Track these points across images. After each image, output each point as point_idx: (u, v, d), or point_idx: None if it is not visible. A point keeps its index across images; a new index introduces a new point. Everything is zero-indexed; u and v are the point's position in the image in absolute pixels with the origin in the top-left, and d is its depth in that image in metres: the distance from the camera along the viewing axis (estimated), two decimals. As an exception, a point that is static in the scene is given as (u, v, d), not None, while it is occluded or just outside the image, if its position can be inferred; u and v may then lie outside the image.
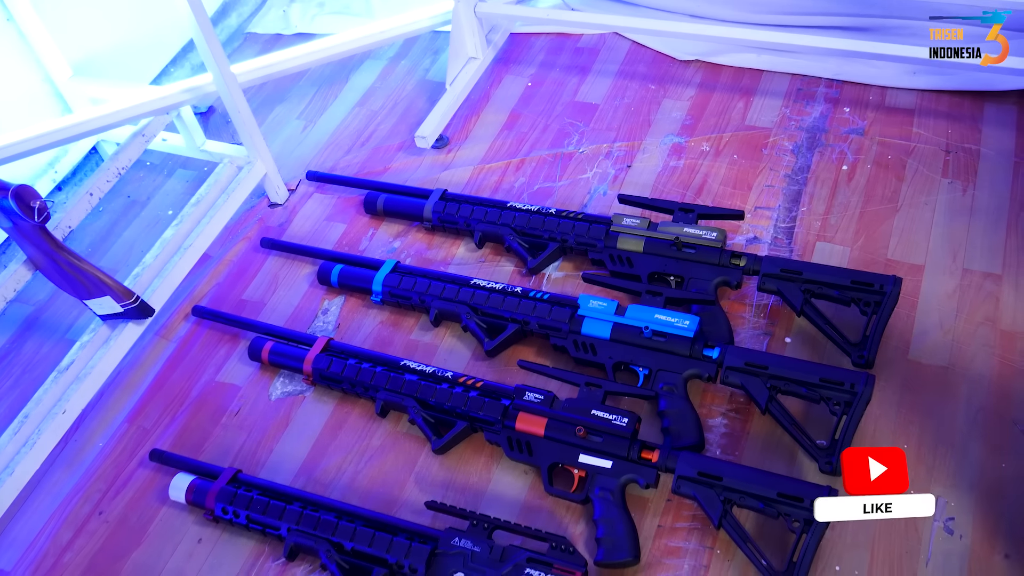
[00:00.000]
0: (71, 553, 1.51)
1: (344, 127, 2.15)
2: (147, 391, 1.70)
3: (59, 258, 1.55)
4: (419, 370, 1.55)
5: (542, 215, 1.74)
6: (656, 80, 2.08)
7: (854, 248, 1.68)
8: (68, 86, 2.02)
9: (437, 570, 1.34)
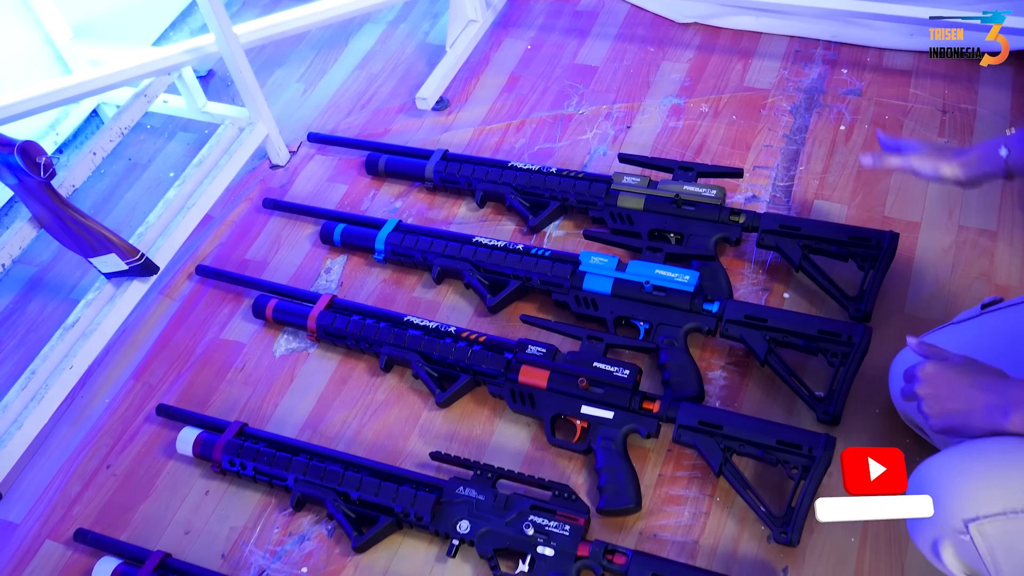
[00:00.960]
0: (80, 505, 1.53)
1: (344, 90, 2.15)
2: (152, 348, 1.72)
3: (64, 215, 1.56)
4: (422, 325, 1.57)
5: (543, 174, 1.75)
6: (655, 43, 2.09)
7: (852, 206, 1.70)
8: (68, 48, 2.02)
9: (442, 518, 1.37)
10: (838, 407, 1.40)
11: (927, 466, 1.04)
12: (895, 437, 1.40)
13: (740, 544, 1.34)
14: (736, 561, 1.32)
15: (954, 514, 0.98)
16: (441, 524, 1.36)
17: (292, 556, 1.42)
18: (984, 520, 0.97)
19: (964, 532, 0.98)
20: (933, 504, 0.99)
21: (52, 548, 1.49)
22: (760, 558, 1.32)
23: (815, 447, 1.30)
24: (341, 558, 1.41)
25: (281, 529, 1.45)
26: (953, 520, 0.98)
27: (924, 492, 1.02)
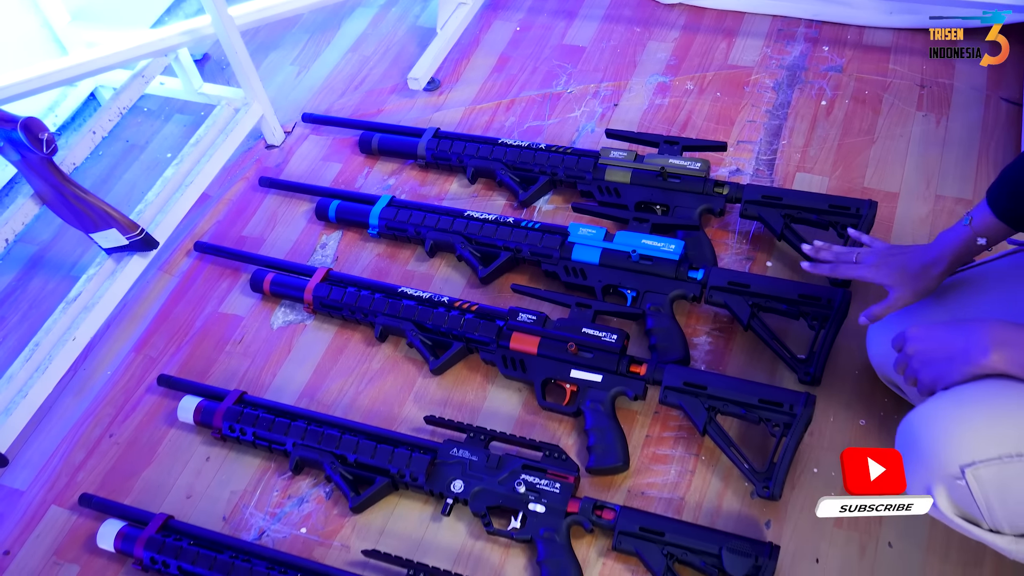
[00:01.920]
0: (84, 472, 1.58)
1: (337, 72, 2.19)
2: (152, 322, 1.76)
3: (65, 191, 1.60)
4: (416, 296, 1.61)
5: (532, 150, 1.80)
6: (641, 23, 2.13)
7: (832, 177, 1.75)
8: (66, 31, 2.06)
9: (437, 478, 1.41)
10: (819, 368, 1.45)
11: (919, 413, 1.07)
12: (874, 397, 1.45)
13: (724, 500, 1.39)
14: (720, 516, 1.37)
15: (950, 459, 1.00)
16: (436, 484, 1.41)
17: (291, 517, 1.47)
18: (980, 465, 0.99)
19: (960, 477, 1.00)
20: (927, 451, 1.03)
21: (57, 513, 1.53)
22: (744, 513, 1.37)
23: (796, 404, 1.35)
24: (339, 519, 1.45)
25: (280, 492, 1.50)
26: (949, 465, 1.01)
27: (917, 439, 1.05)
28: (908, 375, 1.13)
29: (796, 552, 1.32)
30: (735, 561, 1.26)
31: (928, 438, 1.02)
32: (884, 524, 1.33)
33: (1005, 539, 1.04)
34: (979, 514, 1.03)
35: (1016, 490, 0.99)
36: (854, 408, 1.44)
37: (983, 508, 1.02)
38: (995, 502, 1.01)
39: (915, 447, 1.05)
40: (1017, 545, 1.04)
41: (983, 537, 1.05)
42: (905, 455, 1.06)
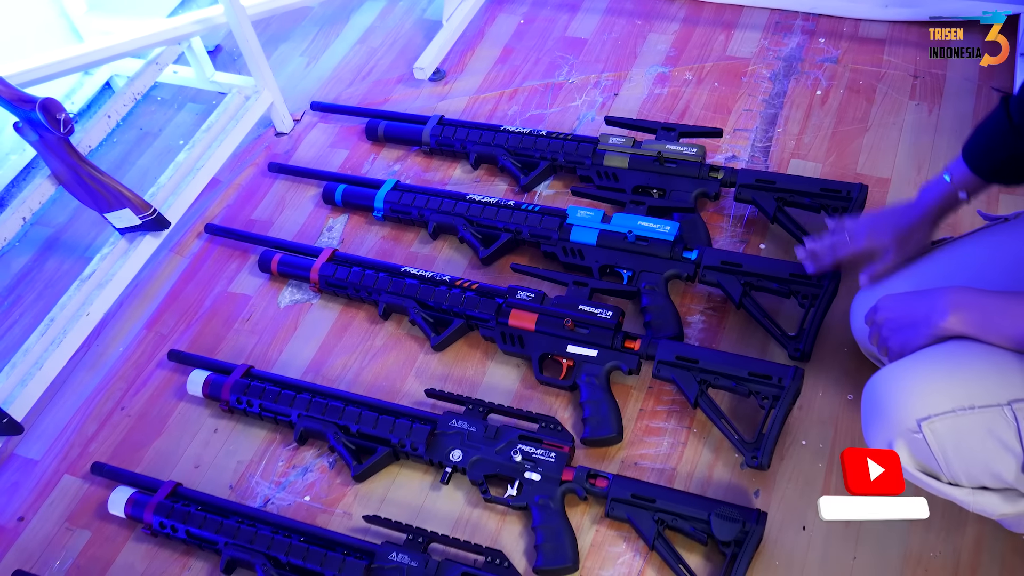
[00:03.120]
0: (96, 443, 1.63)
1: (345, 63, 2.25)
2: (163, 301, 1.82)
3: (81, 171, 1.65)
4: (419, 275, 1.66)
5: (533, 136, 1.85)
6: (642, 16, 2.18)
7: (826, 164, 1.79)
8: (83, 21, 2.12)
9: (436, 448, 1.46)
10: (808, 344, 1.49)
11: (880, 375, 1.13)
12: (861, 373, 1.48)
13: (715, 471, 1.43)
14: (711, 486, 1.42)
15: (908, 414, 1.06)
16: (435, 453, 1.46)
17: (296, 486, 1.52)
18: (935, 418, 1.05)
19: (917, 431, 1.06)
20: (887, 407, 1.08)
21: (70, 482, 1.59)
22: (734, 483, 1.41)
23: (784, 377, 1.40)
24: (342, 487, 1.50)
25: (285, 462, 1.55)
26: (907, 420, 1.06)
27: (877, 398, 1.11)
28: (880, 345, 1.19)
29: (783, 520, 1.36)
30: (723, 526, 1.30)
31: (887, 396, 1.08)
32: (869, 494, 1.37)
33: (963, 491, 1.08)
34: (937, 467, 1.07)
35: (969, 442, 1.04)
36: (842, 384, 1.48)
37: (940, 460, 1.07)
38: (951, 454, 1.06)
39: (876, 406, 1.11)
40: (974, 497, 1.09)
41: (943, 490, 1.10)
42: (868, 414, 1.12)
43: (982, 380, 1.04)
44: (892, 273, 1.36)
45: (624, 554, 1.36)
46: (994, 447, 1.03)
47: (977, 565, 1.29)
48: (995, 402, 1.02)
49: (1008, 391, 1.02)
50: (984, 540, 1.31)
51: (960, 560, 1.29)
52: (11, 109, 1.54)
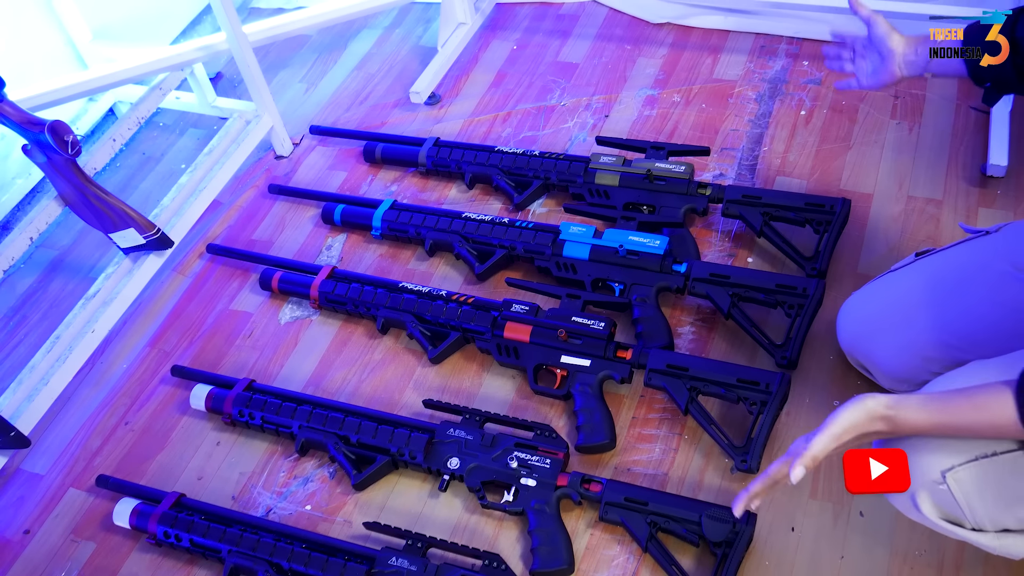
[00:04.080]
0: (100, 457, 1.66)
1: (343, 88, 2.31)
2: (166, 319, 1.86)
3: (88, 191, 1.70)
4: (416, 290, 1.71)
5: (527, 156, 1.90)
6: (631, 41, 2.25)
7: (810, 180, 1.85)
8: (88, 49, 2.18)
9: (434, 456, 1.50)
10: (795, 353, 1.54)
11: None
12: (847, 380, 1.53)
13: (706, 475, 1.47)
14: (702, 490, 1.45)
15: (931, 467, 1.07)
16: (433, 461, 1.49)
17: (297, 496, 1.55)
18: (959, 468, 1.05)
19: (941, 482, 1.06)
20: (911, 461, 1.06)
21: (75, 495, 1.62)
22: (724, 486, 1.45)
23: (771, 383, 1.44)
24: (342, 496, 1.54)
25: (287, 473, 1.58)
26: (931, 472, 1.07)
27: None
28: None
29: (773, 522, 1.40)
30: (714, 527, 1.34)
31: (908, 451, 1.07)
32: (856, 495, 1.41)
33: (987, 536, 1.10)
34: (962, 515, 1.08)
35: (992, 487, 1.05)
36: (828, 390, 1.53)
37: (965, 508, 1.08)
38: (975, 501, 1.07)
39: None
40: (999, 541, 1.10)
41: (968, 537, 1.11)
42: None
43: None
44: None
45: (618, 556, 1.40)
46: (1017, 490, 1.05)
47: (961, 562, 1.33)
48: (1015, 446, 1.04)
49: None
50: (968, 539, 1.34)
51: (944, 558, 1.33)
52: (20, 131, 1.59)
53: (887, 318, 1.36)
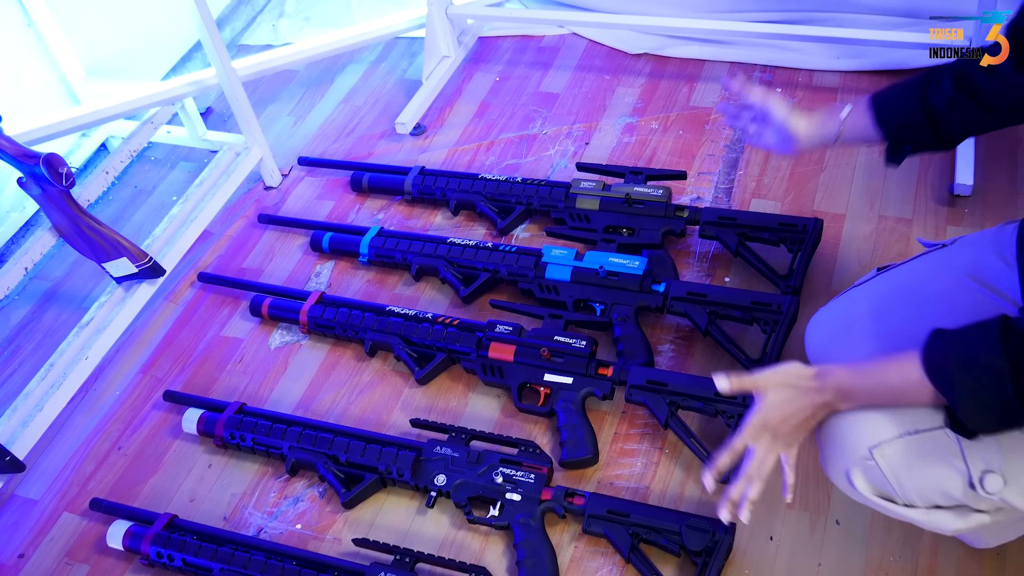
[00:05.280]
0: (94, 482, 1.69)
1: (331, 121, 2.37)
2: (158, 347, 1.90)
3: (81, 222, 1.74)
4: (403, 313, 1.75)
5: (509, 183, 1.96)
6: (610, 72, 2.32)
7: (785, 202, 1.90)
8: (81, 86, 2.24)
9: (421, 473, 1.53)
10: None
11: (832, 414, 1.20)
12: (822, 393, 1.57)
13: (686, 488, 1.51)
14: (683, 502, 1.49)
15: (860, 443, 1.13)
16: (420, 478, 1.53)
17: (287, 515, 1.58)
18: (885, 444, 1.11)
19: (869, 458, 1.12)
20: (840, 440, 1.16)
21: (69, 519, 1.65)
22: (704, 499, 1.49)
23: (747, 397, 1.48)
24: (331, 515, 1.57)
25: (277, 493, 1.61)
26: (859, 448, 1.13)
27: (832, 433, 1.19)
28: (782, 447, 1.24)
29: (752, 531, 1.44)
30: (694, 536, 1.38)
31: (840, 430, 1.16)
32: (832, 504, 1.45)
33: (918, 511, 1.15)
34: (892, 491, 1.14)
35: (918, 464, 1.11)
36: (804, 403, 1.57)
37: (894, 484, 1.13)
38: (903, 477, 1.12)
39: (831, 440, 1.19)
40: (928, 516, 1.15)
41: (900, 512, 1.16)
42: (825, 449, 1.20)
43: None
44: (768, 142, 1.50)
45: (602, 568, 1.43)
46: (941, 467, 1.10)
47: (935, 567, 1.36)
48: (937, 425, 1.09)
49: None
50: (940, 544, 1.38)
51: (918, 563, 1.37)
52: (16, 164, 1.64)
53: (850, 331, 1.41)
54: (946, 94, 1.26)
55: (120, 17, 2.38)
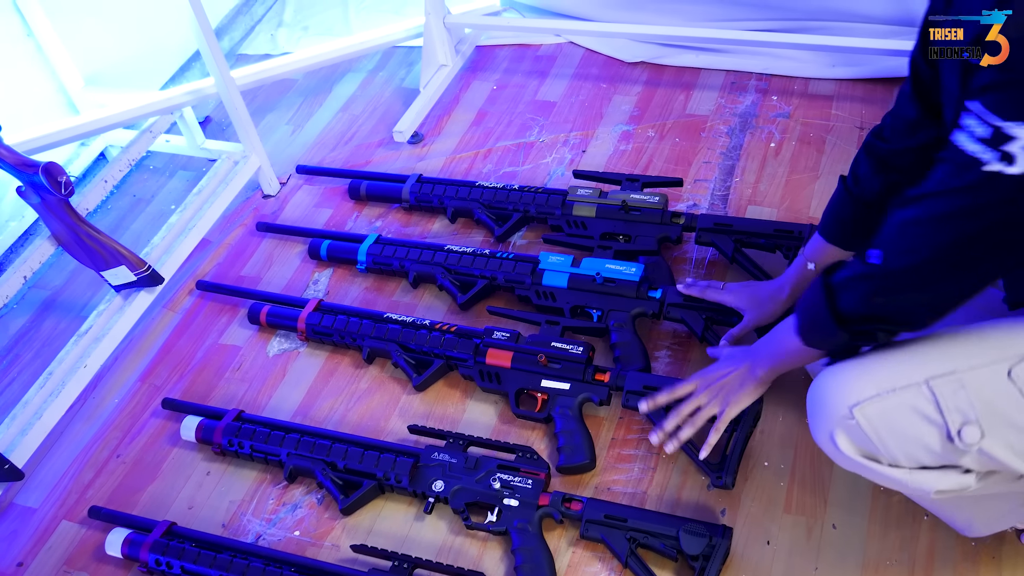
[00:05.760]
0: (93, 490, 1.70)
1: (329, 129, 2.38)
2: (157, 355, 1.90)
3: (80, 231, 1.75)
4: (400, 320, 1.76)
5: (507, 190, 1.97)
6: (607, 80, 2.33)
7: (780, 209, 1.91)
8: (80, 95, 2.25)
9: (419, 480, 1.54)
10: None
11: (817, 378, 1.24)
12: (818, 398, 1.58)
13: (683, 493, 1.51)
14: (680, 507, 1.49)
15: (840, 404, 1.17)
16: (418, 485, 1.53)
17: (286, 522, 1.58)
18: (864, 403, 1.15)
19: (851, 418, 1.16)
20: (824, 401, 1.20)
21: (67, 527, 1.65)
22: (701, 503, 1.49)
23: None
24: (330, 521, 1.57)
25: (276, 500, 1.62)
26: (840, 408, 1.17)
27: (815, 396, 1.23)
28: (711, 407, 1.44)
29: (749, 536, 1.44)
30: (691, 541, 1.38)
31: (823, 391, 1.20)
32: (829, 509, 1.45)
33: (902, 472, 1.17)
34: (875, 449, 1.17)
35: (898, 421, 1.14)
36: (799, 407, 1.53)
37: (876, 442, 1.16)
38: (885, 435, 1.15)
39: (815, 402, 1.23)
40: (911, 476, 1.18)
41: (885, 473, 1.19)
42: (810, 411, 1.24)
43: (899, 363, 1.15)
44: (745, 332, 1.60)
45: (600, 573, 1.44)
46: (919, 422, 1.13)
47: (931, 571, 1.37)
48: (913, 382, 1.13)
49: (923, 370, 1.13)
50: (937, 548, 1.39)
51: (915, 566, 1.37)
52: (15, 173, 1.65)
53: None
54: (866, 180, 1.43)
55: (119, 27, 2.40)
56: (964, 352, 1.13)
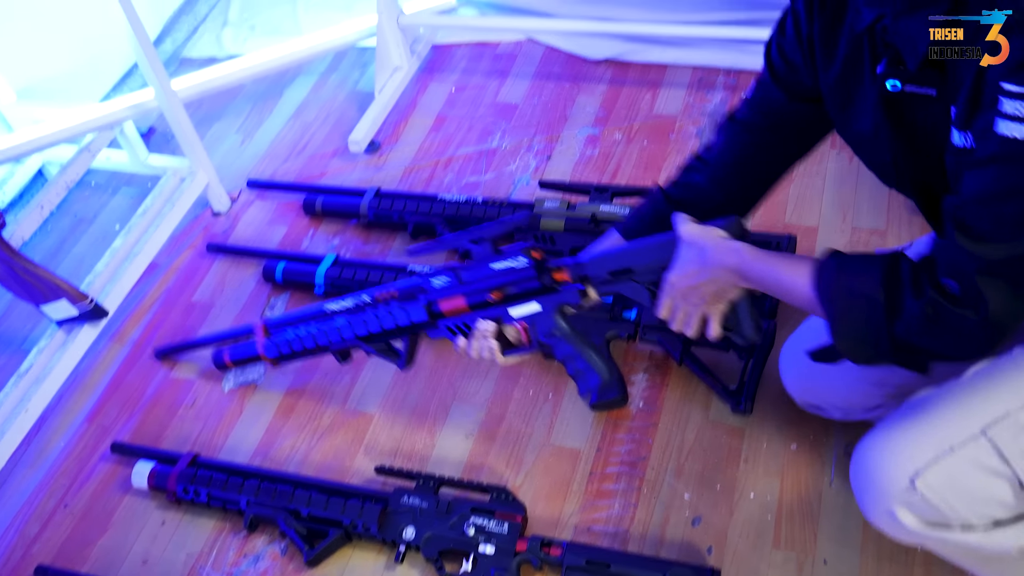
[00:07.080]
0: (39, 544, 1.59)
1: (280, 139, 2.27)
2: (104, 392, 1.79)
3: (15, 264, 1.64)
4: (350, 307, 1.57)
5: (470, 204, 1.87)
6: (570, 79, 2.24)
7: (755, 216, 1.83)
8: (12, 110, 2.11)
9: (389, 526, 1.45)
10: (749, 397, 1.52)
11: (859, 452, 1.14)
12: (803, 422, 1.51)
13: (667, 530, 1.44)
14: (664, 545, 1.42)
15: (898, 477, 1.07)
16: (388, 532, 1.45)
17: (248, 575, 1.49)
18: (925, 471, 1.06)
19: (913, 491, 1.06)
20: (877, 477, 1.10)
21: (14, 588, 1.55)
22: (686, 541, 1.42)
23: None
24: (295, 573, 1.48)
25: (236, 551, 1.52)
26: (899, 483, 1.07)
27: (865, 472, 1.12)
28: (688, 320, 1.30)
29: (738, 572, 1.38)
30: (678, 587, 1.31)
31: (873, 467, 1.09)
32: (819, 543, 1.39)
33: (978, 534, 1.08)
34: (944, 516, 1.07)
35: (964, 481, 1.05)
36: (785, 433, 1.51)
37: (945, 509, 1.07)
38: (952, 499, 1.06)
39: (866, 481, 1.12)
40: (990, 537, 1.09)
41: (959, 540, 1.10)
42: (861, 491, 1.13)
43: (948, 418, 1.07)
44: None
45: (582, 622, 1.37)
46: (986, 477, 1.05)
47: (926, 606, 1.32)
48: (969, 434, 1.05)
49: (975, 420, 1.05)
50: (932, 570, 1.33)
51: (910, 600, 1.32)
52: (-62, 209, 1.53)
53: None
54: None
55: (53, 35, 2.25)
56: (1010, 389, 1.05)
